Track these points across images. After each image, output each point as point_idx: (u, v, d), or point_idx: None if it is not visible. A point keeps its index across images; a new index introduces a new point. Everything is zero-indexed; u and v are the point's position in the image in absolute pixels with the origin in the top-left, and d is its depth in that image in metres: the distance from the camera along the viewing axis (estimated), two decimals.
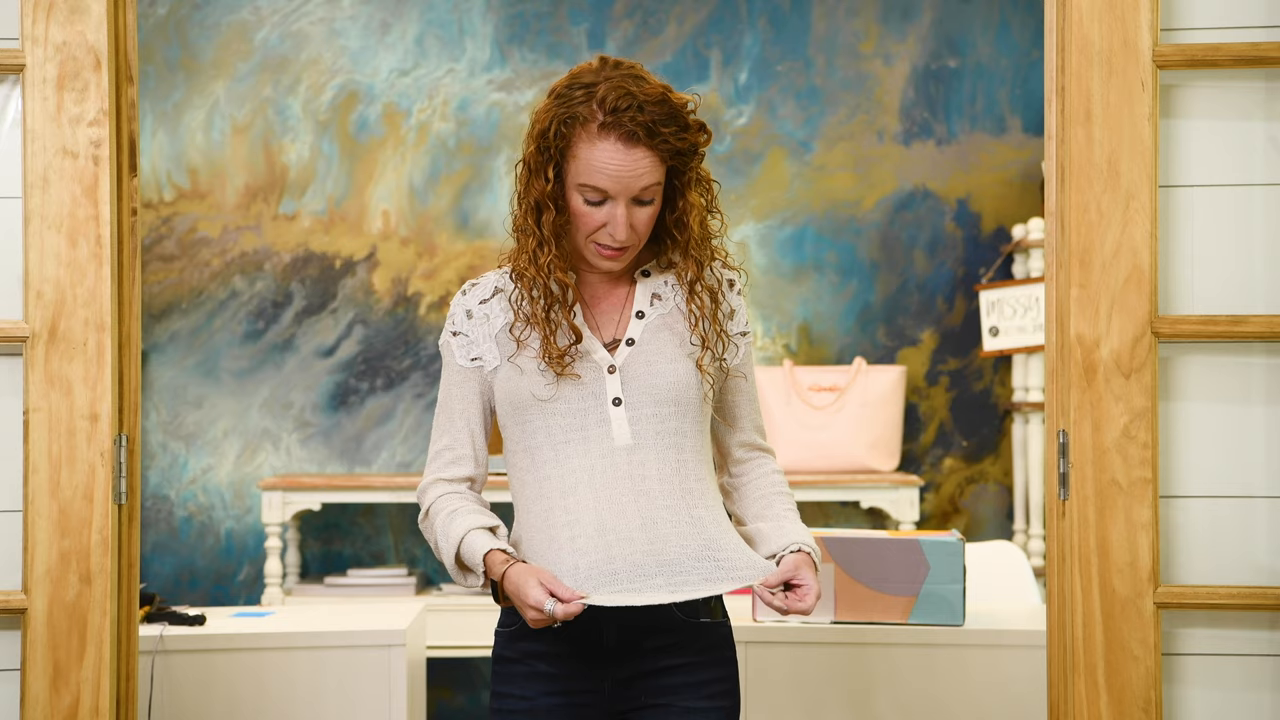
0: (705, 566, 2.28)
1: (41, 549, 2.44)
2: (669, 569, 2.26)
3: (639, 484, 2.31)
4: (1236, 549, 2.42)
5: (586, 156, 2.28)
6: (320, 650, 3.46)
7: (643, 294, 2.42)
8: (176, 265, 5.36)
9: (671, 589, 2.25)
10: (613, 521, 2.28)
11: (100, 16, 2.47)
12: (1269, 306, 2.42)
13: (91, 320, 2.46)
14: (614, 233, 2.30)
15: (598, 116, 2.27)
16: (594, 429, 2.32)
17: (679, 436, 2.35)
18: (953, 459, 5.40)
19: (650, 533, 2.28)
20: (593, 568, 2.26)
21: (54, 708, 2.42)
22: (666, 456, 2.33)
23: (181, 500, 5.35)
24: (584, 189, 2.30)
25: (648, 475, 2.32)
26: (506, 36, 5.39)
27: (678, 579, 2.26)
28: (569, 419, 2.33)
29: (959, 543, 3.24)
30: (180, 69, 5.36)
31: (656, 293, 2.42)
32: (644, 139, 2.27)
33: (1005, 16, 5.40)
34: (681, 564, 2.27)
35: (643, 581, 2.25)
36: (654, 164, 2.29)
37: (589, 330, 2.38)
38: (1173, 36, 2.43)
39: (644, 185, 2.30)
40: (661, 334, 2.38)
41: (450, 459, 2.42)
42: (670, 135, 2.28)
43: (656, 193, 2.33)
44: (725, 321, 2.43)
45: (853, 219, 5.40)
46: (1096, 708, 2.39)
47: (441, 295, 5.38)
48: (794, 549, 2.36)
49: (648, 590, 2.25)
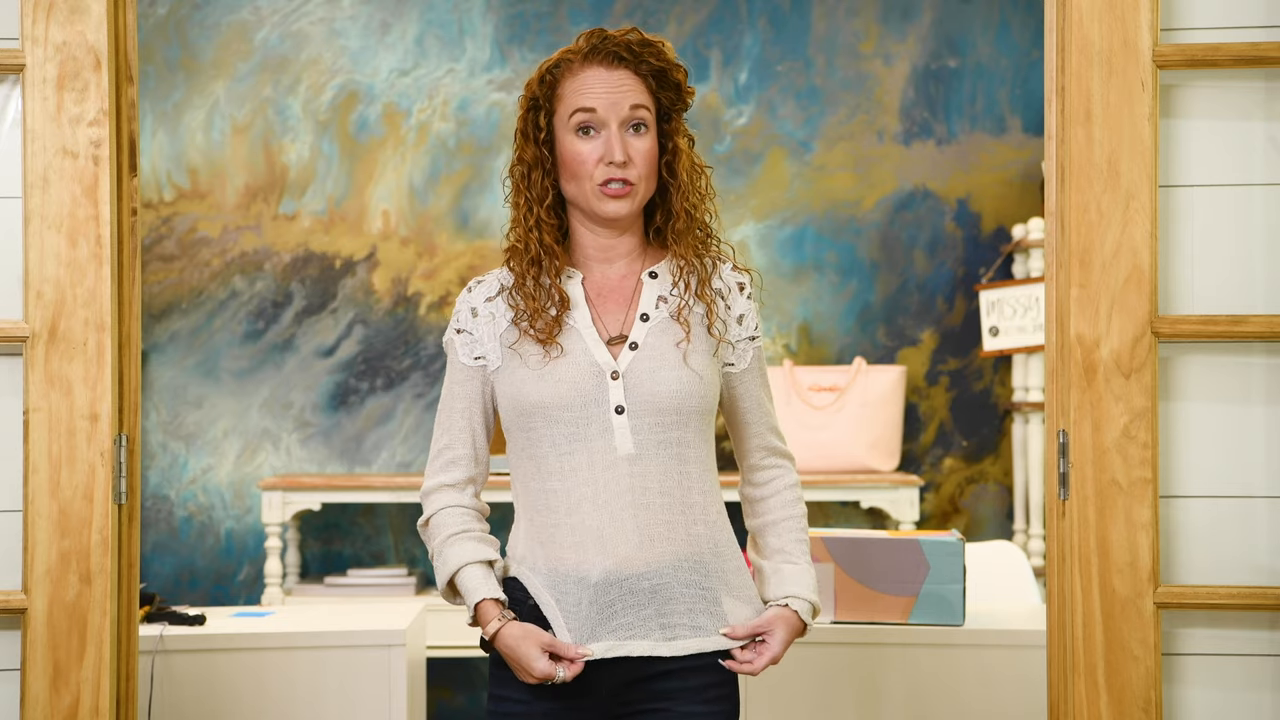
0: (696, 601, 2.32)
1: (41, 549, 2.44)
2: (660, 596, 2.30)
3: (640, 496, 2.30)
4: (1236, 549, 2.42)
5: (574, 88, 2.35)
6: (320, 650, 3.46)
7: (649, 296, 2.39)
8: (176, 265, 5.36)
9: (664, 630, 2.30)
10: (614, 541, 2.29)
11: (100, 16, 2.47)
12: (1269, 306, 2.42)
13: (91, 320, 2.45)
14: (612, 154, 2.32)
15: (581, 52, 2.36)
16: (597, 439, 2.31)
17: (681, 446, 2.34)
18: (953, 459, 5.40)
19: (648, 552, 2.30)
20: (594, 602, 2.29)
21: (54, 708, 2.42)
22: (669, 468, 2.33)
23: (181, 500, 5.35)
24: (575, 117, 2.34)
25: (649, 488, 2.31)
26: (506, 36, 5.39)
27: (669, 618, 2.30)
28: (572, 427, 2.32)
29: (959, 543, 3.24)
30: (180, 69, 5.36)
31: (663, 295, 2.40)
32: (627, 59, 2.34)
33: (1005, 16, 5.40)
34: (671, 591, 2.30)
35: (635, 614, 2.29)
36: (638, 85, 2.34)
37: (593, 326, 2.36)
38: (1173, 36, 2.43)
39: (631, 103, 2.33)
40: (665, 338, 2.36)
41: (450, 459, 2.42)
42: (650, 56, 2.34)
43: (648, 120, 2.35)
44: (732, 326, 2.42)
45: (853, 219, 5.40)
46: (1096, 708, 2.39)
47: (441, 295, 5.38)
48: (780, 602, 2.37)
49: (640, 631, 2.29)
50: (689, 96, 2.39)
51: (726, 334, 2.40)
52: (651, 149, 2.35)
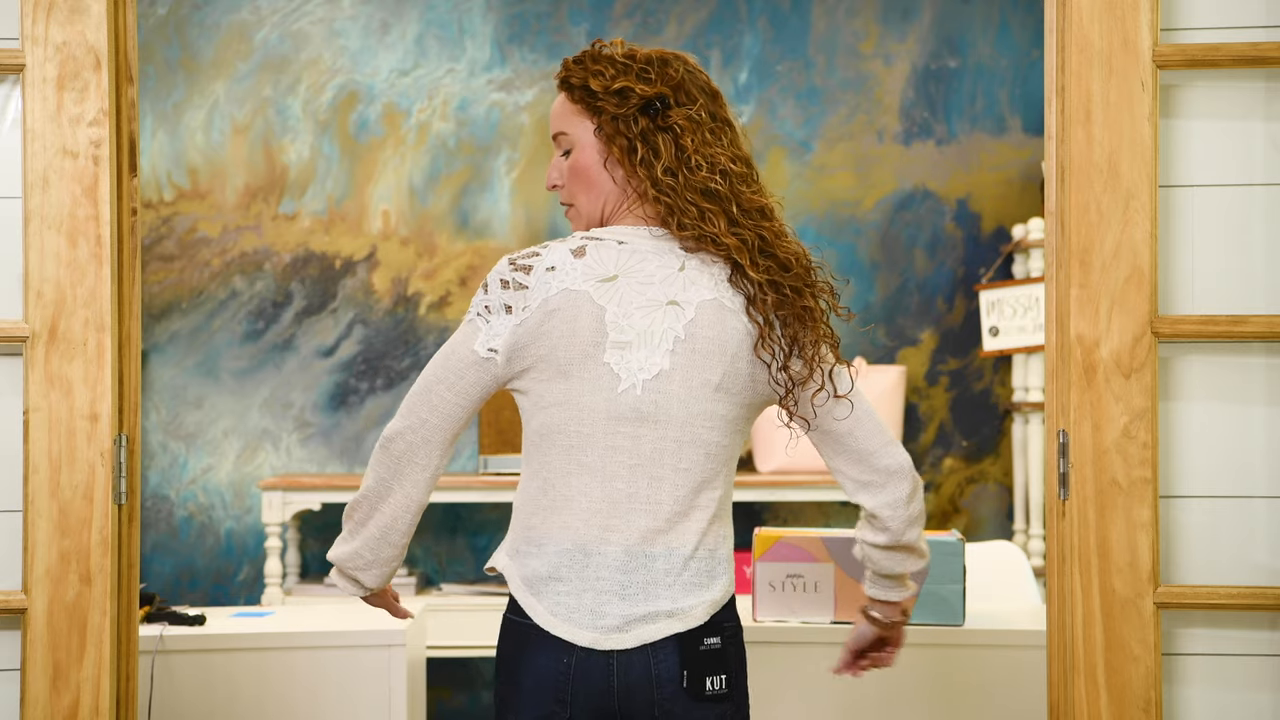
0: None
1: (41, 549, 2.44)
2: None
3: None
4: (1236, 549, 2.42)
5: None
6: (320, 650, 3.46)
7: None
8: (176, 265, 5.36)
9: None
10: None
11: (100, 16, 2.47)
12: (1269, 306, 2.42)
13: (91, 320, 2.45)
14: (547, 179, 2.42)
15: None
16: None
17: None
18: (953, 459, 5.40)
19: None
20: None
21: (54, 708, 2.42)
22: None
23: (181, 500, 5.35)
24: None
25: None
26: (506, 36, 5.39)
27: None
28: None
29: (959, 543, 3.24)
30: (180, 69, 5.36)
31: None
32: (560, 85, 2.38)
33: (1005, 16, 5.40)
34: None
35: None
36: (565, 108, 2.36)
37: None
38: (1173, 36, 2.43)
39: (554, 131, 2.38)
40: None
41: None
42: (575, 78, 2.34)
43: (570, 141, 2.36)
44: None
45: (853, 219, 5.40)
46: (1096, 708, 2.39)
47: (441, 295, 5.38)
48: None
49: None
50: (616, 95, 2.30)
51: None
52: (577, 164, 2.35)
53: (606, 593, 2.25)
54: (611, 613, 2.25)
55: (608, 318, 2.25)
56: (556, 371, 2.25)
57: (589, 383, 2.25)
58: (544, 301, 2.25)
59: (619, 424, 2.25)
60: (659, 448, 2.27)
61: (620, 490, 2.26)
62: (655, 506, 2.27)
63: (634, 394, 2.25)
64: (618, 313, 2.25)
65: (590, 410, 2.25)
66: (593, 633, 2.25)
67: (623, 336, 2.25)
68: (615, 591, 2.26)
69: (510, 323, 2.26)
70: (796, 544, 3.27)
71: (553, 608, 2.26)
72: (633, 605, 2.26)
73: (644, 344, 2.26)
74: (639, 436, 2.26)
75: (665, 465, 2.27)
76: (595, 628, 2.25)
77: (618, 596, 2.26)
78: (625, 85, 2.30)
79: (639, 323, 2.26)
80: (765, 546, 3.28)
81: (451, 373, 2.31)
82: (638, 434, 2.26)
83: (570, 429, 2.26)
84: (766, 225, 2.33)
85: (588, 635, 2.24)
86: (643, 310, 2.26)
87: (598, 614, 2.25)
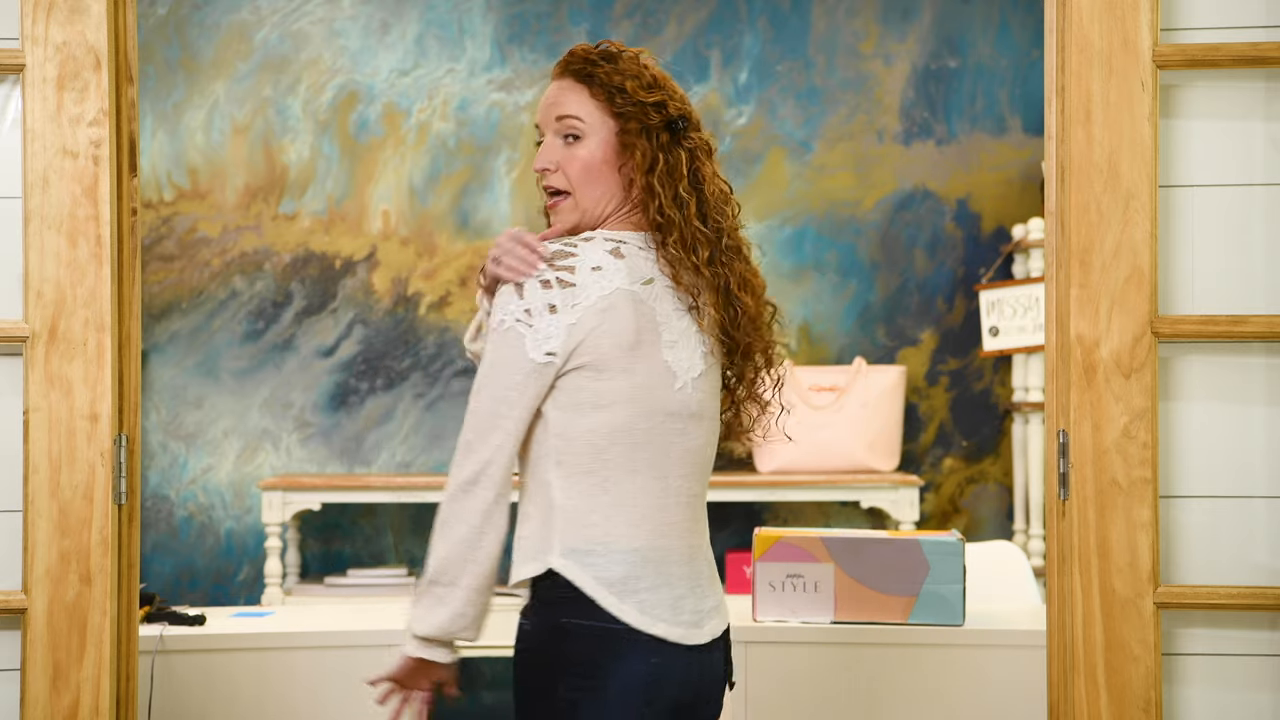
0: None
1: (41, 549, 2.43)
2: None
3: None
4: (1236, 549, 2.42)
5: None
6: (320, 650, 3.46)
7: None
8: (176, 265, 5.36)
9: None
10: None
11: (100, 16, 2.47)
12: (1269, 306, 2.42)
13: (91, 320, 2.45)
14: (537, 161, 2.35)
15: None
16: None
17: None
18: (953, 459, 5.40)
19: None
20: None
21: (54, 708, 2.42)
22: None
23: (181, 500, 5.35)
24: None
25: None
26: (506, 36, 5.39)
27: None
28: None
29: (959, 543, 3.24)
30: (180, 69, 5.36)
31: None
32: (573, 72, 2.34)
33: (1005, 16, 5.39)
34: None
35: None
36: (580, 96, 2.33)
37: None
38: (1173, 36, 2.43)
39: (559, 113, 2.33)
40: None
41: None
42: (603, 73, 2.32)
43: (581, 129, 2.32)
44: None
45: (853, 219, 5.40)
46: (1096, 708, 2.39)
47: (441, 295, 5.38)
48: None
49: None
50: (651, 106, 2.31)
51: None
52: (586, 159, 2.31)
53: (680, 589, 2.27)
54: (687, 608, 2.28)
55: (658, 317, 2.27)
56: (619, 369, 2.23)
57: (654, 378, 2.26)
58: (599, 299, 2.22)
59: (674, 420, 2.29)
60: (698, 444, 2.33)
61: (673, 486, 2.29)
62: (695, 500, 2.33)
63: (686, 392, 2.29)
64: (663, 314, 2.28)
65: (652, 407, 2.26)
66: (680, 629, 2.26)
67: (671, 336, 2.28)
68: (687, 587, 2.28)
69: (563, 322, 2.21)
70: (796, 544, 3.27)
71: (641, 606, 2.23)
72: (700, 600, 2.30)
73: (685, 344, 2.30)
74: (687, 433, 2.30)
75: (700, 462, 2.34)
76: (679, 624, 2.26)
77: (689, 592, 2.29)
78: (661, 99, 2.32)
79: (677, 324, 2.29)
80: (765, 546, 3.28)
81: (513, 389, 2.22)
82: (686, 430, 2.30)
83: (636, 426, 2.25)
84: (738, 268, 2.38)
85: (677, 631, 2.26)
86: (678, 313, 2.30)
87: (678, 609, 2.26)
